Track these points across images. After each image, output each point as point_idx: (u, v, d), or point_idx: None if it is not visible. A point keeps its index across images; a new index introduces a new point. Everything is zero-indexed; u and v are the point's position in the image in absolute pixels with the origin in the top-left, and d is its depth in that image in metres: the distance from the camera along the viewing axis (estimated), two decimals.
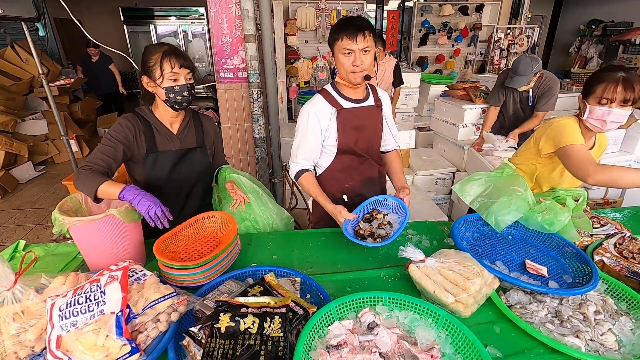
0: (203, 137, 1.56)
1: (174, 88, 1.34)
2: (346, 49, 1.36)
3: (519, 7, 6.06)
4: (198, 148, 1.53)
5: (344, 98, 1.51)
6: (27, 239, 3.28)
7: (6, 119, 4.59)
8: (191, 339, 0.88)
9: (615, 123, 1.37)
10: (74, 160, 2.80)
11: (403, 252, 1.10)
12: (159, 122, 1.46)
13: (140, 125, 1.41)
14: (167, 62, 1.32)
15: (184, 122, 1.51)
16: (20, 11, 2.27)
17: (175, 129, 1.49)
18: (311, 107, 1.50)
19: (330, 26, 4.72)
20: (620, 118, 1.35)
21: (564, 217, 1.28)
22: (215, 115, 5.12)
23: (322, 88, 1.57)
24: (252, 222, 1.54)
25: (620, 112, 1.34)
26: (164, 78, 1.33)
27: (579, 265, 1.22)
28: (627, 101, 1.33)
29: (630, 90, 1.31)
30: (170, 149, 1.47)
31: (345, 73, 1.43)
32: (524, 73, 2.62)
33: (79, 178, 1.25)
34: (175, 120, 1.48)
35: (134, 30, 8.81)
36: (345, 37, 1.34)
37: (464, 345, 0.88)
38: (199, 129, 1.55)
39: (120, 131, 1.37)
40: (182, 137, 1.50)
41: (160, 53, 1.32)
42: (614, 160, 2.68)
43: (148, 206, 1.18)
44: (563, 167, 1.50)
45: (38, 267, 1.31)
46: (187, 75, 1.37)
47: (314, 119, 1.48)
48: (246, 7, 2.32)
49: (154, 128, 1.44)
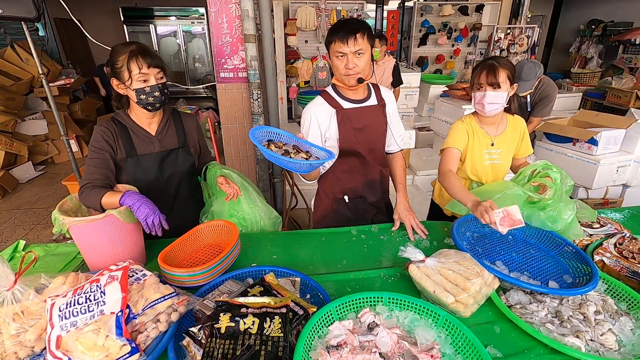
0: (185, 136, 1.52)
1: (144, 89, 1.30)
2: (338, 52, 1.36)
3: (519, 7, 6.06)
4: (180, 148, 1.50)
5: (344, 99, 1.51)
6: (27, 239, 3.28)
7: (6, 119, 4.59)
8: (191, 339, 0.88)
9: (492, 104, 1.52)
10: (74, 160, 2.80)
11: (403, 252, 1.10)
12: (136, 124, 1.42)
13: (116, 130, 1.38)
14: (135, 63, 1.26)
15: (163, 122, 1.47)
16: (20, 11, 2.27)
17: (153, 130, 1.45)
18: (310, 108, 1.50)
19: (330, 26, 4.73)
20: (495, 99, 1.51)
21: (567, 215, 1.29)
22: (215, 115, 5.12)
23: (323, 89, 1.57)
24: (240, 219, 1.52)
25: (494, 93, 1.50)
26: (132, 80, 1.29)
27: (579, 265, 1.22)
28: (493, 84, 1.49)
29: (493, 74, 1.48)
30: (149, 151, 1.43)
31: (339, 75, 1.43)
32: (527, 78, 2.59)
33: (83, 197, 1.26)
34: (152, 121, 1.45)
35: (134, 30, 8.81)
36: (337, 40, 1.34)
37: (464, 346, 0.88)
38: (179, 128, 1.51)
39: (99, 139, 1.35)
40: (161, 138, 1.46)
41: (126, 54, 1.26)
42: (614, 160, 2.67)
43: (147, 214, 1.17)
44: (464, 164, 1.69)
45: (38, 267, 1.31)
46: (157, 75, 1.32)
47: (314, 120, 1.48)
48: (246, 7, 2.32)
49: (131, 131, 1.41)
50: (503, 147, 1.64)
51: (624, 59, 6.05)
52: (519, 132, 1.67)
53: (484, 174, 1.68)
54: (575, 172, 2.77)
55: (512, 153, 1.69)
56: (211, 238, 1.39)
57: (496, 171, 1.68)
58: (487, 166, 1.66)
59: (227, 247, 1.21)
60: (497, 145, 1.63)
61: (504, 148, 1.64)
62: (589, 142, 2.68)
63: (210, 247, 1.37)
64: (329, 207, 1.68)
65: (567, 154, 2.81)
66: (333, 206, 1.67)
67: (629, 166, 2.72)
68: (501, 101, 1.51)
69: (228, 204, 1.49)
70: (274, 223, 1.61)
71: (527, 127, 1.70)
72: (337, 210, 1.68)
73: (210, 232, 1.40)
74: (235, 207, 1.51)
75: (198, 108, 5.53)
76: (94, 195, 1.23)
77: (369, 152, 1.57)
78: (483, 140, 1.63)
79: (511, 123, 1.67)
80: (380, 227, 1.55)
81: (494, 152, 1.64)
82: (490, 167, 1.66)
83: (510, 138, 1.66)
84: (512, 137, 1.66)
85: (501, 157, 1.65)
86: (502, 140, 1.64)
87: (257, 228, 1.56)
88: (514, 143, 1.67)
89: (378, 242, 1.46)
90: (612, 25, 6.52)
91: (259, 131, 1.32)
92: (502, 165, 1.67)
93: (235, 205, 1.51)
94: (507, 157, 1.67)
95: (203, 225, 1.39)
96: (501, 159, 1.65)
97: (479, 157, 1.65)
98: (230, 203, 1.49)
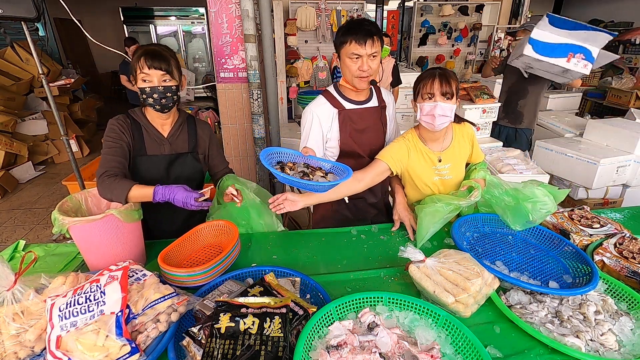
0: (196, 142, 1.52)
1: (144, 89, 1.31)
2: (354, 53, 1.34)
3: (519, 7, 6.06)
4: (189, 153, 1.50)
5: (346, 99, 1.50)
6: (27, 239, 3.28)
7: (6, 119, 4.59)
8: (191, 339, 0.88)
9: (443, 117, 1.39)
10: (74, 160, 2.80)
11: (403, 252, 1.10)
12: (150, 123, 1.43)
13: (130, 125, 1.40)
14: (141, 63, 1.29)
15: (176, 125, 1.48)
16: (20, 11, 2.27)
17: (165, 131, 1.45)
18: (313, 108, 1.49)
19: (330, 25, 4.72)
20: (446, 111, 1.38)
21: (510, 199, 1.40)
22: (215, 116, 5.12)
23: (324, 89, 1.55)
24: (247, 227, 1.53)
25: (446, 105, 1.37)
26: (137, 78, 1.32)
27: (579, 265, 1.22)
28: (446, 94, 1.36)
29: (446, 83, 1.36)
30: (159, 152, 1.44)
31: (350, 77, 1.41)
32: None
33: (104, 187, 1.24)
34: (165, 122, 1.45)
35: (134, 30, 8.80)
36: (354, 41, 1.32)
37: (464, 346, 0.88)
38: (191, 134, 1.51)
39: (115, 130, 1.36)
40: (172, 141, 1.46)
41: (139, 53, 1.30)
42: (614, 160, 2.67)
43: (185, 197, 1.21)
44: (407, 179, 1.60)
45: (38, 267, 1.31)
46: (161, 77, 1.31)
47: (316, 119, 1.47)
48: (246, 7, 2.32)
49: (144, 129, 1.42)
50: (452, 161, 1.53)
51: (624, 59, 6.06)
52: (468, 141, 1.58)
53: (435, 189, 1.57)
54: (575, 172, 2.77)
55: (462, 164, 1.59)
56: (211, 238, 1.39)
57: (447, 186, 1.56)
58: (437, 181, 1.55)
59: (227, 247, 1.21)
60: (444, 160, 1.52)
61: (452, 162, 1.53)
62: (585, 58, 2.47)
63: (210, 247, 1.37)
64: (328, 207, 1.68)
65: (567, 154, 2.81)
66: (333, 207, 1.67)
67: (629, 166, 2.72)
68: (450, 114, 1.39)
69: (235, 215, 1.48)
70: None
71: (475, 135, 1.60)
72: (337, 211, 1.68)
73: (210, 232, 1.40)
74: (245, 218, 1.51)
75: (198, 108, 5.53)
76: (119, 186, 1.22)
77: (369, 153, 1.57)
78: (428, 157, 1.51)
79: (457, 133, 1.55)
80: (380, 227, 1.55)
81: (442, 167, 1.52)
82: (440, 182, 1.55)
83: (459, 150, 1.55)
84: (460, 149, 1.55)
85: (451, 171, 1.53)
86: (449, 155, 1.53)
87: None
88: (464, 153, 1.57)
89: (378, 242, 1.46)
90: (612, 25, 6.53)
91: (267, 155, 1.26)
92: (453, 180, 1.56)
93: (245, 217, 1.51)
94: (457, 170, 1.56)
95: (203, 225, 1.39)
96: (451, 173, 1.54)
97: (427, 174, 1.53)
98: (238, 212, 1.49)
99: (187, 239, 1.33)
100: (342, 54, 1.39)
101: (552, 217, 1.49)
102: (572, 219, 1.49)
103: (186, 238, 1.32)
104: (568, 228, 1.43)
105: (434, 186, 1.56)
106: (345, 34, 1.35)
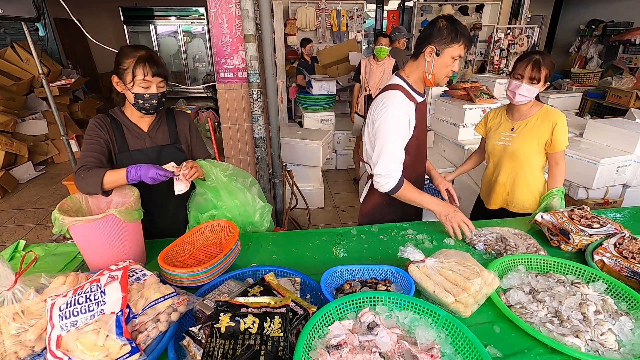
0: (177, 133, 1.53)
1: (143, 95, 1.32)
2: (459, 55, 1.39)
3: (519, 7, 6.07)
4: (171, 144, 1.51)
5: (416, 92, 1.50)
6: (27, 239, 3.28)
7: (6, 119, 4.59)
8: (191, 339, 0.88)
9: (522, 96, 1.65)
10: (74, 160, 2.80)
11: (403, 252, 1.10)
12: (130, 121, 1.44)
13: (110, 123, 1.41)
14: (140, 69, 1.28)
15: (156, 120, 1.48)
16: (20, 11, 2.27)
17: (145, 126, 1.46)
18: (399, 109, 1.42)
19: (330, 25, 4.72)
20: (527, 93, 1.63)
21: None
22: (215, 115, 5.12)
23: (392, 84, 1.50)
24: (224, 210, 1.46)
25: (528, 87, 1.62)
26: (134, 84, 1.30)
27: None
28: (534, 79, 1.58)
29: (537, 69, 1.57)
30: (141, 147, 1.45)
31: (440, 74, 1.42)
32: None
33: (79, 180, 1.25)
34: (145, 118, 1.46)
35: (134, 30, 8.82)
36: (465, 45, 1.37)
37: (464, 345, 0.88)
38: (171, 126, 1.52)
39: (93, 129, 1.37)
40: (152, 135, 1.47)
41: (134, 58, 1.28)
42: (614, 160, 2.67)
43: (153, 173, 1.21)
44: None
45: (38, 267, 1.31)
46: (159, 84, 1.34)
47: (406, 120, 1.43)
48: (246, 7, 2.32)
49: (124, 127, 1.43)
50: (521, 133, 1.73)
51: (624, 59, 6.06)
52: (549, 125, 1.67)
53: (494, 152, 1.83)
54: (575, 172, 2.77)
55: (532, 142, 1.71)
56: (211, 238, 1.39)
57: (508, 153, 1.77)
58: (499, 146, 1.79)
59: (227, 247, 1.21)
60: (516, 130, 1.75)
61: (521, 134, 1.73)
62: None
63: (210, 247, 1.37)
64: (379, 201, 1.64)
65: (567, 154, 2.81)
66: (385, 200, 1.63)
67: (629, 166, 2.72)
68: (531, 95, 1.63)
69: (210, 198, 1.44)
70: (261, 213, 1.53)
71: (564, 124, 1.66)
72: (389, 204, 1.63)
73: (210, 232, 1.40)
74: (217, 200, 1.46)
75: (198, 108, 5.53)
76: (92, 176, 1.23)
77: (424, 146, 1.59)
78: (504, 124, 1.79)
79: (542, 114, 1.70)
80: (380, 227, 1.55)
81: (509, 135, 1.75)
82: (501, 147, 1.78)
83: (533, 127, 1.71)
84: (535, 127, 1.70)
85: (514, 141, 1.74)
86: (521, 126, 1.74)
87: (242, 220, 1.50)
88: (538, 133, 1.69)
89: (378, 242, 1.46)
90: (612, 25, 6.52)
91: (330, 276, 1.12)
92: (513, 148, 1.75)
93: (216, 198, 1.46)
94: (522, 144, 1.73)
95: (203, 225, 1.39)
96: (514, 143, 1.74)
97: (495, 136, 1.81)
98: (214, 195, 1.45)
99: (187, 239, 1.33)
100: (445, 51, 1.37)
101: (552, 217, 1.49)
102: (572, 219, 1.49)
103: (186, 238, 1.32)
104: (568, 228, 1.43)
105: (494, 152, 1.83)
106: (458, 34, 1.35)
